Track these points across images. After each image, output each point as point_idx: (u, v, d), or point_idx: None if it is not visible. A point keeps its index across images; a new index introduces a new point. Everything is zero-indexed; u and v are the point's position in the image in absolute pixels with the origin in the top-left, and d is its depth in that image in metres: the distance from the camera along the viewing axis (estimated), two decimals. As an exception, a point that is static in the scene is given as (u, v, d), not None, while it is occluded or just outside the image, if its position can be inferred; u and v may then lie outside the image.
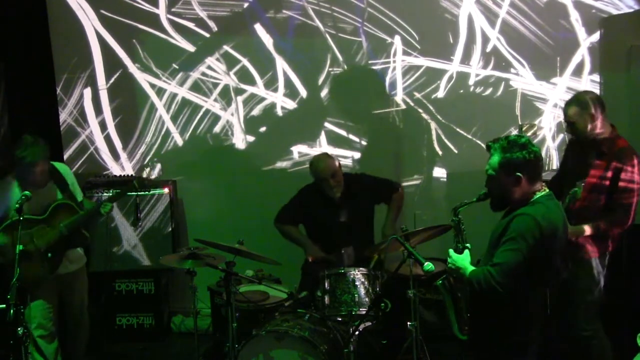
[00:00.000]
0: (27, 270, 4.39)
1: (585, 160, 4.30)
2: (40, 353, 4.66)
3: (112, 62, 6.19)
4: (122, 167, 6.27)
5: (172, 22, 6.11)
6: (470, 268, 3.30)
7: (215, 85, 6.18)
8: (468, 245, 3.42)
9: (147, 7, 6.10)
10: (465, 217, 3.51)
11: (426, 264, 3.60)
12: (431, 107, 6.00)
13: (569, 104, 4.36)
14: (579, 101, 4.32)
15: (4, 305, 3.78)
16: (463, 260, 3.35)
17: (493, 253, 3.22)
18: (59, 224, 4.58)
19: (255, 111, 6.18)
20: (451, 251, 3.41)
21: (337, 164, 5.25)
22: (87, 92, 6.23)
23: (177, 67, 6.16)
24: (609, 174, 4.19)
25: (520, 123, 5.54)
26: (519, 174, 3.18)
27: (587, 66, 5.81)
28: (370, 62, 6.02)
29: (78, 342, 4.95)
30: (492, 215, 3.44)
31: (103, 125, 6.24)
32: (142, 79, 6.20)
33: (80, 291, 4.92)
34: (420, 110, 6.03)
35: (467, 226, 3.51)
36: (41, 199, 4.58)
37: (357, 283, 4.66)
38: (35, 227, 4.55)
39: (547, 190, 3.27)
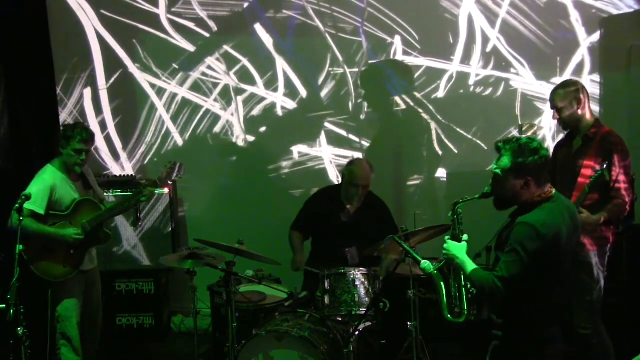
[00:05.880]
0: (49, 267, 4.47)
1: (574, 157, 4.30)
2: (75, 352, 4.65)
3: (112, 62, 6.19)
4: (122, 167, 6.27)
5: (172, 22, 6.11)
6: (468, 260, 3.31)
7: (215, 85, 6.18)
8: (465, 236, 3.43)
9: (147, 7, 6.10)
10: (466, 213, 3.50)
11: (423, 262, 3.60)
12: (431, 107, 6.00)
13: (555, 89, 4.39)
14: (565, 84, 4.38)
15: (4, 305, 3.77)
16: (460, 249, 3.36)
17: (499, 254, 3.23)
18: (81, 221, 4.59)
19: (255, 111, 6.18)
20: (447, 239, 3.42)
21: (372, 177, 5.18)
22: (87, 92, 6.23)
23: (177, 67, 6.17)
24: (602, 164, 4.17)
25: (520, 123, 5.55)
26: (529, 177, 3.19)
27: (587, 66, 5.81)
28: (370, 62, 6.03)
29: (92, 342, 4.90)
30: (494, 213, 3.40)
31: (103, 125, 6.24)
32: (142, 79, 6.20)
33: (99, 289, 4.93)
34: (420, 110, 6.03)
35: (467, 222, 3.50)
36: (70, 194, 4.61)
37: (357, 283, 4.66)
38: (59, 223, 4.56)
39: (554, 192, 3.27)
